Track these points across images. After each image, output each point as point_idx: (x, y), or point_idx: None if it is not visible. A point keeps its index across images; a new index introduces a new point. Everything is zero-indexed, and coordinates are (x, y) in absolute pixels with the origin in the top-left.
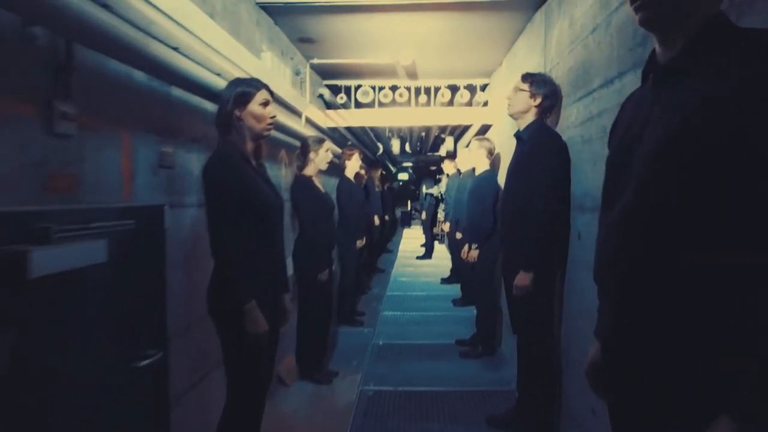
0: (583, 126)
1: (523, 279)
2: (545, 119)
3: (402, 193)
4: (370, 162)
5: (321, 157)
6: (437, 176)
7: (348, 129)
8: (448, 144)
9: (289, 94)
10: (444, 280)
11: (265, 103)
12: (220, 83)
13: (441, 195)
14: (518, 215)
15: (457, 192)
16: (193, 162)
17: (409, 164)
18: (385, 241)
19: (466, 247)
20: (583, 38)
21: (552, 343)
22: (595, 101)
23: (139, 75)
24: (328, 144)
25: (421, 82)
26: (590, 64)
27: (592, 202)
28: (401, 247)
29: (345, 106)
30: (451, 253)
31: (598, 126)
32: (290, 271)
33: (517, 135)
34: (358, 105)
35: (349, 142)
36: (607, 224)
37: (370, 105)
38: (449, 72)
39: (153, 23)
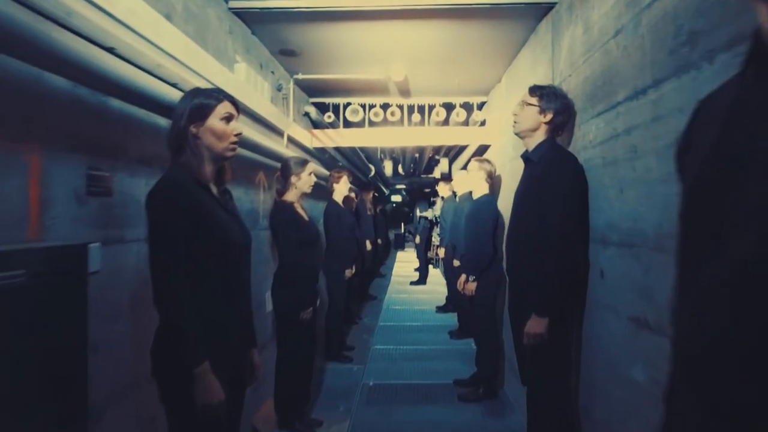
0: (605, 146)
1: (536, 326)
2: (556, 138)
3: (395, 215)
4: (361, 184)
5: (304, 181)
6: (432, 199)
7: (337, 150)
8: (443, 166)
9: (269, 111)
10: (440, 309)
11: (228, 118)
12: (176, 95)
13: (436, 218)
14: (528, 248)
15: (454, 216)
16: (141, 188)
17: (403, 186)
18: (377, 265)
19: (463, 278)
20: (602, 44)
21: (569, 397)
22: (621, 116)
23: (55, 79)
24: (312, 166)
25: (415, 100)
26: (613, 72)
27: (619, 235)
28: (394, 271)
29: (333, 125)
30: (447, 279)
31: (626, 145)
32: (269, 307)
33: (525, 156)
34: (347, 124)
35: (340, 164)
36: (705, 286)
37: (360, 124)
38: (444, 89)
39: (73, 14)
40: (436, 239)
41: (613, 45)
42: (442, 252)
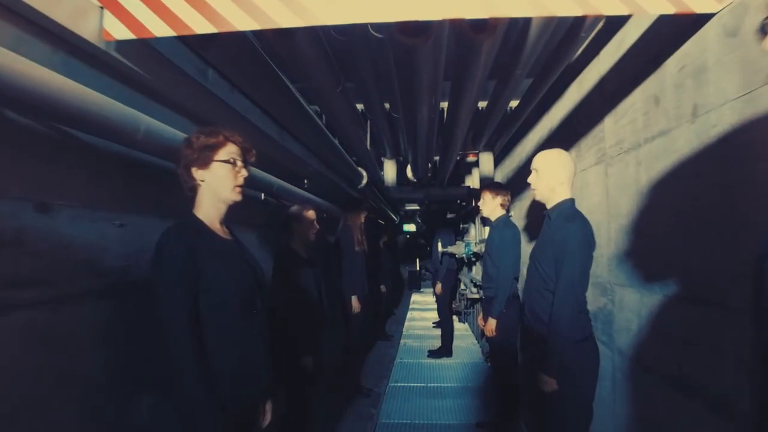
0: None
1: None
2: None
3: (408, 249)
4: (348, 201)
5: None
6: (462, 225)
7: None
8: (485, 166)
9: None
10: None
11: None
12: None
13: (469, 256)
14: None
15: (547, 255)
16: None
17: (415, 206)
18: (379, 326)
19: None
20: None
21: None
22: None
23: None
24: None
25: None
26: None
27: None
28: (407, 325)
29: None
30: (505, 377)
31: None
32: None
33: None
34: None
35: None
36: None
37: None
38: None
39: None
40: (470, 290)
41: None
42: (490, 329)
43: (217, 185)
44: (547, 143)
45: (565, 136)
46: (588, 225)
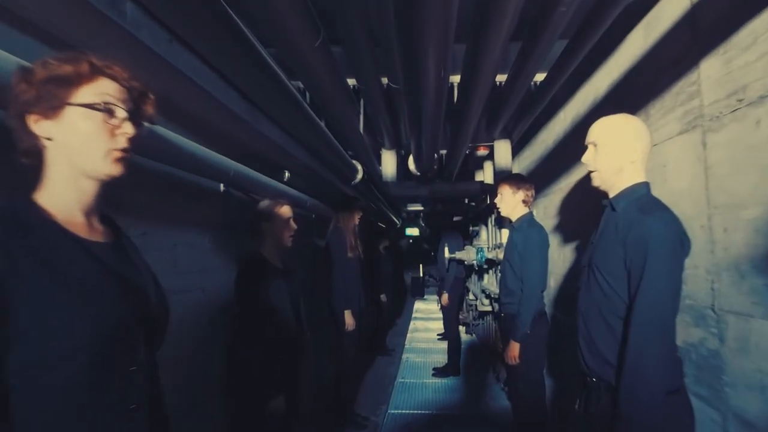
0: None
1: None
2: None
3: (409, 255)
4: (342, 199)
5: None
6: (471, 228)
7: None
8: (502, 156)
9: None
10: None
11: None
12: None
13: (480, 262)
14: None
15: (612, 261)
16: None
17: (418, 207)
18: (378, 339)
19: None
20: None
21: None
22: None
23: None
24: None
25: None
26: None
27: None
28: (409, 338)
29: None
30: None
31: None
32: None
33: None
34: None
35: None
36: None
37: None
38: None
39: None
40: (482, 301)
41: None
42: (512, 354)
43: (76, 147)
44: (589, 118)
45: (618, 104)
46: (676, 218)
